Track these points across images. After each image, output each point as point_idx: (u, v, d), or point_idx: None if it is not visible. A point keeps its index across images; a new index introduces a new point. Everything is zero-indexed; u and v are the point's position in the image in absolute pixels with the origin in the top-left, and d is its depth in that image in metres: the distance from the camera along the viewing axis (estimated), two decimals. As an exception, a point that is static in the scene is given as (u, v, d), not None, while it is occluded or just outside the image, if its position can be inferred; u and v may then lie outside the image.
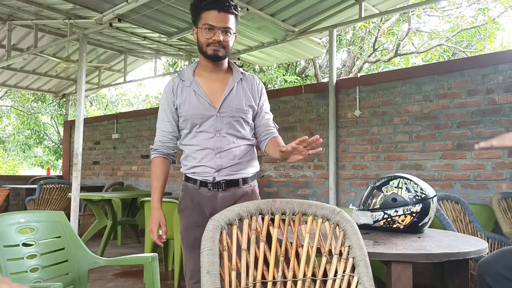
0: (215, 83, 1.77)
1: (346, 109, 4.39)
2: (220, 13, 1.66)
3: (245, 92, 1.78)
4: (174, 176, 6.01)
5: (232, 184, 1.75)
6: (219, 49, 1.69)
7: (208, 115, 1.72)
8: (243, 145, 1.77)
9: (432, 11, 9.48)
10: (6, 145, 15.87)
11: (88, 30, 4.61)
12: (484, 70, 3.60)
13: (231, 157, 1.74)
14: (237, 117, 1.74)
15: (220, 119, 1.73)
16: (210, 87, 1.76)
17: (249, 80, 1.82)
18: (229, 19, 1.67)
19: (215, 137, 1.73)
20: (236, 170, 1.75)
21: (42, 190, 5.29)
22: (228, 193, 1.74)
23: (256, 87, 1.82)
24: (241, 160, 1.76)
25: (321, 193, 4.52)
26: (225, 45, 1.70)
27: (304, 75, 11.13)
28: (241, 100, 1.76)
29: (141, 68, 8.03)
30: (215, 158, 1.73)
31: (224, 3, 1.66)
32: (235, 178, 1.75)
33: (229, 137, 1.74)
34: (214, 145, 1.73)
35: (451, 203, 3.05)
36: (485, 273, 1.60)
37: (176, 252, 3.47)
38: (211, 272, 1.10)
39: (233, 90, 1.76)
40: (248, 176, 1.79)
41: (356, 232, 1.26)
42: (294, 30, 4.82)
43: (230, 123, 1.73)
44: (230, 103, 1.74)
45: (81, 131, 4.38)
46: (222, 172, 1.73)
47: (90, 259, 1.98)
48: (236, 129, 1.75)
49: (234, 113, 1.74)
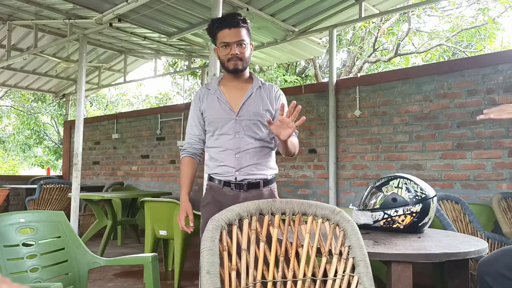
0: (236, 91, 1.97)
1: (346, 109, 4.39)
2: (232, 29, 1.86)
3: (262, 98, 1.96)
4: (174, 176, 6.01)
5: (253, 186, 1.92)
6: (238, 62, 1.90)
7: (228, 118, 1.92)
8: (260, 146, 1.94)
9: (432, 11, 9.48)
10: (6, 145, 15.87)
11: (88, 30, 4.61)
12: (484, 70, 3.60)
13: (249, 157, 1.91)
14: (255, 120, 1.92)
15: (239, 122, 1.92)
16: (231, 94, 1.96)
17: (267, 88, 2.00)
18: (241, 33, 1.87)
19: (235, 138, 1.92)
20: (255, 170, 1.92)
21: (42, 190, 5.29)
22: (250, 194, 1.89)
23: (274, 93, 2.00)
24: (259, 161, 1.93)
25: (321, 193, 4.52)
26: (242, 57, 1.89)
27: (304, 75, 11.13)
28: (259, 105, 1.94)
29: (141, 68, 8.04)
30: (235, 157, 1.91)
31: (233, 20, 1.87)
32: (256, 179, 1.92)
33: (247, 138, 1.92)
34: (234, 146, 1.91)
35: (451, 203, 3.05)
36: (485, 273, 1.60)
37: (176, 252, 3.47)
38: (211, 272, 1.10)
39: (252, 96, 1.95)
40: (268, 178, 1.95)
41: (356, 232, 1.26)
42: (294, 30, 4.83)
43: (248, 126, 1.92)
44: (248, 108, 1.93)
45: (81, 131, 4.38)
46: (242, 171, 1.90)
47: (90, 259, 1.98)
48: (254, 131, 1.93)
49: (251, 116, 1.92)
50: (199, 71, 7.58)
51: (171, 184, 6.05)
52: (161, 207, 3.58)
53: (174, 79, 14.40)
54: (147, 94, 16.25)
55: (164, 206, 3.56)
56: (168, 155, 6.14)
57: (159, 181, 6.23)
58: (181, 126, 5.96)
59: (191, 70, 8.07)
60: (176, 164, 6.02)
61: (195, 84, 12.85)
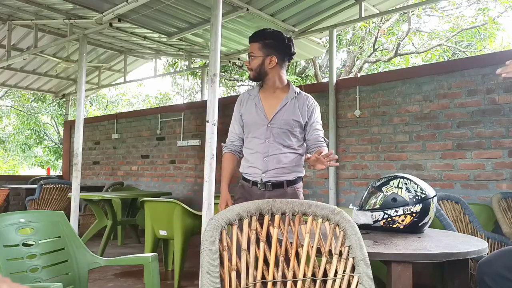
0: (272, 99, 2.17)
1: (346, 109, 4.39)
2: (250, 44, 2.17)
3: (295, 109, 2.13)
4: (174, 176, 6.01)
5: (277, 186, 2.11)
6: (249, 72, 2.18)
7: (261, 124, 2.14)
8: (288, 152, 2.12)
9: (432, 11, 9.48)
10: (6, 145, 15.87)
11: (88, 30, 4.61)
12: (484, 70, 3.60)
13: (276, 161, 2.10)
14: (285, 129, 2.11)
15: (270, 128, 2.12)
16: (268, 102, 2.17)
17: (302, 99, 2.17)
18: (253, 47, 2.14)
19: (265, 143, 2.12)
20: (280, 173, 2.10)
21: (42, 190, 5.29)
22: (274, 193, 2.08)
23: (308, 106, 2.16)
24: (285, 165, 2.11)
25: (321, 193, 4.52)
26: (250, 68, 2.15)
27: (304, 75, 11.12)
28: (290, 115, 2.12)
29: (141, 68, 8.04)
30: (263, 160, 2.11)
31: (251, 36, 2.17)
32: (280, 180, 2.10)
33: (276, 145, 2.11)
34: (263, 150, 2.12)
35: (451, 203, 3.05)
36: (485, 273, 1.60)
37: (176, 252, 3.47)
38: (211, 272, 1.10)
39: (285, 106, 2.13)
40: (292, 179, 2.13)
41: (356, 232, 1.26)
42: (294, 30, 4.82)
43: (278, 133, 2.11)
44: (280, 117, 2.12)
45: (81, 131, 4.38)
46: (268, 173, 2.10)
47: (90, 259, 1.98)
48: (283, 138, 2.12)
49: (282, 125, 2.11)
50: (199, 71, 7.58)
51: (171, 184, 6.05)
52: (161, 207, 3.58)
53: (174, 79, 14.41)
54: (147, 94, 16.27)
55: (164, 206, 3.56)
56: (168, 155, 6.14)
57: (159, 181, 6.23)
58: (181, 126, 5.96)
59: (191, 70, 8.07)
60: (176, 164, 6.02)
61: (195, 84, 12.85)
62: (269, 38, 2.12)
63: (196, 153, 5.76)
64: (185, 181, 5.86)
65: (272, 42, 2.12)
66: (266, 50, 2.11)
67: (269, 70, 2.13)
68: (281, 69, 2.17)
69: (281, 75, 2.18)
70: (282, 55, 2.14)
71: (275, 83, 2.17)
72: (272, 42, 2.12)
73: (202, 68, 6.59)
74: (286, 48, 2.16)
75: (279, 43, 2.13)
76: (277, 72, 2.16)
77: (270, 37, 2.12)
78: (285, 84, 2.20)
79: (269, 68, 2.13)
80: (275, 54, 2.12)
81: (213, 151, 2.83)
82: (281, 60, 2.15)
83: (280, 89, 2.18)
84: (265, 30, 2.18)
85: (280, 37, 2.14)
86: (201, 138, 5.61)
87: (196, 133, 5.79)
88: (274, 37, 2.13)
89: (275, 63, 2.12)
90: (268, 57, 2.11)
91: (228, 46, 5.35)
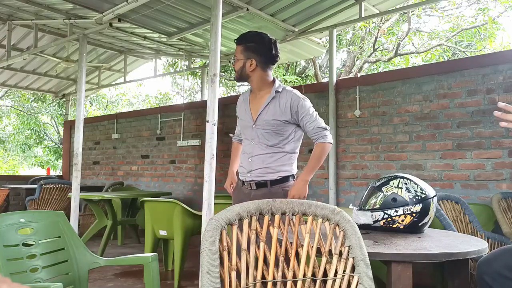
0: (258, 101, 2.23)
1: (346, 109, 4.39)
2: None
3: (275, 108, 2.15)
4: (174, 176, 6.01)
5: (261, 185, 2.15)
6: (235, 73, 2.25)
7: (248, 125, 2.22)
8: (272, 153, 2.15)
9: (432, 11, 9.48)
10: (6, 145, 15.86)
11: (88, 30, 4.61)
12: (484, 70, 3.60)
13: (260, 162, 2.15)
14: (268, 129, 2.14)
15: (255, 129, 2.18)
16: (255, 103, 2.23)
17: (284, 97, 2.17)
18: (236, 49, 2.20)
19: (251, 144, 2.20)
20: (264, 173, 2.14)
21: (42, 190, 5.29)
22: (259, 192, 2.13)
23: (291, 103, 2.15)
24: (269, 165, 2.14)
25: (321, 193, 4.52)
26: (235, 69, 2.21)
27: (304, 75, 11.12)
28: (271, 115, 2.15)
29: (141, 68, 8.04)
30: (248, 160, 2.19)
31: (235, 38, 2.22)
32: (263, 180, 2.14)
33: (260, 145, 2.16)
34: (249, 150, 2.20)
35: (451, 203, 3.05)
36: (484, 272, 1.60)
37: (176, 252, 3.47)
38: (211, 272, 1.10)
39: (267, 107, 2.17)
40: (277, 179, 2.14)
41: (356, 232, 1.26)
42: (294, 30, 4.82)
43: (262, 134, 2.16)
44: (263, 118, 2.16)
45: (81, 131, 4.38)
46: (252, 173, 2.16)
47: (90, 259, 1.98)
48: (267, 139, 2.15)
49: (265, 126, 2.15)
50: (199, 71, 7.58)
51: (171, 184, 6.05)
52: (161, 207, 3.58)
53: (174, 79, 14.40)
54: (147, 94, 16.27)
55: (164, 206, 3.56)
56: (168, 155, 6.14)
57: (159, 181, 6.23)
58: (181, 126, 5.96)
59: (191, 70, 8.07)
60: (176, 164, 6.02)
61: (195, 84, 12.85)
62: (251, 41, 2.16)
63: (196, 153, 5.76)
64: (185, 181, 5.86)
65: (253, 45, 2.16)
66: (246, 53, 2.16)
67: (250, 73, 2.18)
68: (264, 71, 2.20)
69: (264, 78, 2.20)
70: (262, 58, 2.16)
71: (258, 85, 2.21)
72: (253, 45, 2.16)
73: (202, 68, 6.59)
74: (267, 51, 2.17)
75: (260, 46, 2.16)
76: (259, 75, 2.19)
77: (251, 40, 2.17)
78: (269, 84, 2.23)
79: (250, 71, 2.17)
80: (255, 58, 2.15)
81: (213, 151, 2.83)
82: (262, 63, 2.17)
83: (265, 90, 2.22)
84: (248, 33, 2.24)
85: (261, 40, 2.17)
86: (201, 138, 5.61)
87: (196, 133, 5.79)
88: (255, 40, 2.17)
89: (255, 66, 2.16)
90: (249, 60, 2.15)
91: (228, 46, 5.35)
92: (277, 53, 2.22)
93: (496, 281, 1.55)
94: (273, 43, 2.19)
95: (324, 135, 2.15)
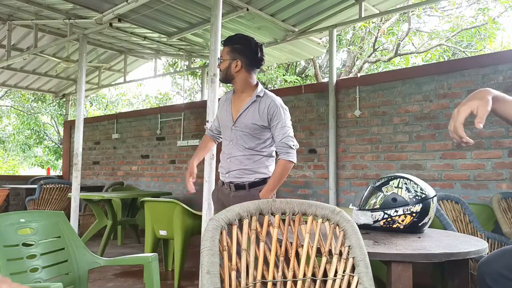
0: (239, 103, 2.25)
1: (346, 109, 4.39)
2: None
3: (255, 112, 2.17)
4: (174, 176, 6.01)
5: (240, 187, 2.19)
6: (220, 74, 2.30)
7: (228, 126, 2.24)
8: (250, 155, 2.18)
9: (432, 11, 9.48)
10: (6, 145, 15.86)
11: (88, 30, 4.61)
12: (484, 70, 3.60)
13: (238, 163, 2.18)
14: (246, 132, 2.18)
15: (234, 131, 2.21)
16: (236, 105, 2.25)
17: (264, 102, 2.18)
18: (223, 51, 2.25)
19: (229, 145, 2.23)
20: (242, 175, 2.18)
21: (42, 190, 5.28)
22: (238, 193, 2.18)
23: (268, 109, 2.16)
24: (246, 167, 2.17)
25: (321, 193, 4.52)
26: (220, 70, 2.25)
27: (304, 75, 11.12)
28: (250, 119, 2.17)
29: (141, 68, 8.04)
30: (227, 161, 2.22)
31: (223, 40, 2.27)
32: (241, 182, 2.18)
33: (238, 147, 2.19)
34: (228, 151, 2.23)
35: (451, 203, 3.05)
36: (485, 273, 1.60)
37: (176, 252, 3.47)
38: (211, 272, 1.10)
39: (247, 110, 2.19)
40: (254, 181, 2.17)
41: (356, 232, 1.26)
42: (294, 30, 4.82)
43: (241, 136, 2.19)
44: (242, 120, 2.19)
45: (81, 131, 4.38)
46: (230, 174, 2.20)
47: (90, 259, 1.98)
48: (245, 141, 2.19)
49: (243, 128, 2.18)
50: (199, 71, 7.58)
51: (171, 184, 6.05)
52: (161, 207, 3.58)
53: (174, 79, 14.40)
54: (147, 94, 16.26)
55: (164, 206, 3.56)
56: (168, 155, 6.13)
57: (159, 181, 6.22)
58: (181, 126, 5.96)
59: (191, 70, 8.07)
60: (176, 164, 6.02)
61: (195, 84, 12.85)
62: (237, 43, 2.22)
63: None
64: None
65: (239, 47, 2.20)
66: (233, 55, 2.20)
67: (235, 74, 2.21)
68: (248, 73, 2.23)
69: (248, 80, 2.24)
70: (248, 60, 2.20)
71: (242, 87, 2.24)
72: (239, 47, 2.20)
73: (202, 68, 6.59)
74: (252, 53, 2.21)
75: (246, 48, 2.21)
76: (243, 77, 2.22)
77: (238, 42, 2.22)
78: (252, 87, 2.25)
79: (235, 72, 2.21)
80: (241, 59, 2.19)
81: (213, 151, 2.83)
82: (247, 65, 2.21)
83: (247, 93, 2.24)
84: (235, 35, 2.28)
85: (247, 43, 2.22)
86: (201, 138, 5.58)
87: (196, 133, 5.79)
88: (241, 43, 2.22)
89: (240, 67, 2.19)
90: (234, 61, 2.19)
91: (228, 46, 5.34)
92: (263, 57, 2.26)
93: (497, 282, 1.55)
94: (259, 47, 2.24)
95: (288, 153, 2.13)
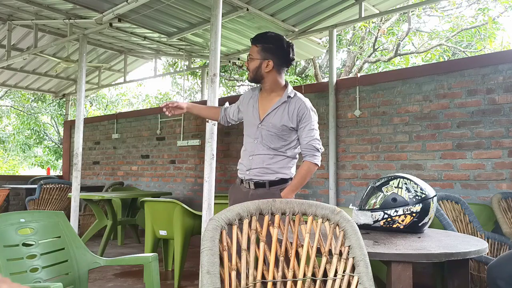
0: (267, 102, 2.22)
1: (346, 109, 4.39)
2: (251, 45, 2.23)
3: (284, 113, 2.15)
4: (174, 176, 6.01)
5: (260, 185, 2.16)
6: (248, 72, 2.23)
7: (254, 123, 2.22)
8: (273, 154, 2.16)
9: (432, 11, 9.48)
10: (6, 145, 15.86)
11: (88, 30, 4.61)
12: (484, 70, 3.60)
13: (260, 161, 2.16)
14: (272, 132, 2.15)
15: (260, 129, 2.18)
16: (264, 104, 2.23)
17: (294, 103, 2.17)
18: (252, 49, 2.19)
19: (253, 143, 2.20)
20: (263, 173, 2.15)
21: (42, 190, 5.29)
22: (257, 192, 2.14)
23: (298, 111, 2.15)
24: (269, 166, 2.15)
25: (321, 193, 4.52)
26: (248, 69, 2.20)
27: (304, 75, 11.13)
28: (278, 119, 2.15)
29: (141, 68, 8.05)
30: (248, 158, 2.20)
31: (252, 37, 2.21)
32: (262, 180, 2.15)
33: (262, 145, 2.17)
34: (251, 148, 2.20)
35: (451, 203, 3.05)
36: (497, 276, 1.58)
37: (176, 252, 3.47)
38: (211, 272, 1.10)
39: (276, 110, 2.17)
40: (275, 180, 2.15)
41: (356, 232, 1.26)
42: (294, 30, 4.82)
43: (266, 135, 2.16)
44: (269, 119, 2.17)
45: (81, 131, 4.38)
46: (251, 171, 2.17)
47: (90, 259, 1.98)
48: (270, 141, 2.16)
49: (270, 128, 2.16)
50: (199, 71, 7.58)
51: (171, 184, 6.05)
52: (161, 207, 3.58)
53: (174, 79, 14.40)
54: (147, 94, 16.25)
55: (164, 206, 3.56)
56: (168, 155, 6.13)
57: (159, 181, 6.22)
58: (181, 126, 5.96)
59: (191, 70, 8.07)
60: (176, 164, 6.02)
61: (195, 84, 12.85)
62: (269, 42, 2.15)
63: (196, 153, 5.76)
64: (185, 181, 5.86)
65: (271, 47, 2.14)
66: (264, 54, 2.14)
67: (265, 74, 2.16)
68: (278, 73, 2.19)
69: (278, 79, 2.19)
70: (279, 60, 2.16)
71: (271, 87, 2.20)
72: (271, 46, 2.14)
73: (202, 68, 6.59)
74: (284, 53, 2.17)
75: (278, 48, 2.15)
76: (274, 76, 2.17)
77: (269, 42, 2.15)
78: (282, 87, 2.22)
79: (266, 72, 2.15)
80: (272, 59, 2.14)
81: (213, 151, 2.83)
82: (278, 65, 2.16)
83: (276, 92, 2.21)
84: (266, 33, 2.21)
85: (279, 42, 2.16)
86: (201, 138, 5.61)
87: (196, 133, 5.79)
88: (273, 42, 2.16)
89: (271, 67, 2.14)
90: (265, 61, 2.14)
91: (228, 46, 5.35)
92: (293, 57, 2.23)
93: (510, 285, 1.54)
94: (291, 47, 2.19)
95: (314, 155, 2.13)
